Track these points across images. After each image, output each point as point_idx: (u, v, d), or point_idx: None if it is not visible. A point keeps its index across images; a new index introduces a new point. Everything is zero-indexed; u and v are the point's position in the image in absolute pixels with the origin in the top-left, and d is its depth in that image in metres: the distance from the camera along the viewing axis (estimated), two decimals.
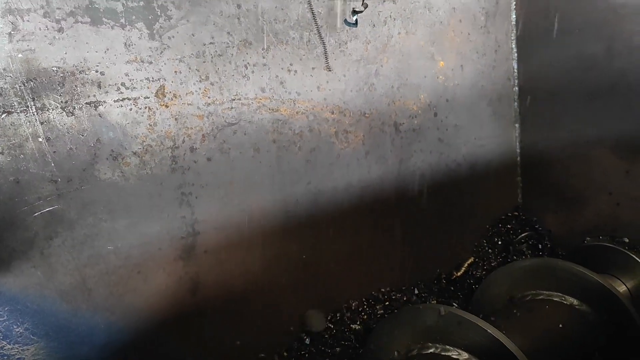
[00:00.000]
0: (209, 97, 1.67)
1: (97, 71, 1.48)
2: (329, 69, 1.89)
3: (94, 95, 1.48)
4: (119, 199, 1.55)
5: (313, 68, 1.86)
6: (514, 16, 2.38)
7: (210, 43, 1.65)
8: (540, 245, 2.40)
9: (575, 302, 1.92)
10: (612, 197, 2.18)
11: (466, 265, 2.30)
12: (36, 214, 1.42)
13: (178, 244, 1.66)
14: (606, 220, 2.22)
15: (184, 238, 1.67)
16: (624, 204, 2.14)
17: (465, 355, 1.62)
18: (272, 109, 1.80)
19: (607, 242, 2.20)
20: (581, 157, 2.27)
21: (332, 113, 1.93)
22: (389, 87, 2.05)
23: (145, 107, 1.57)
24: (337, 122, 1.94)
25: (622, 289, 2.11)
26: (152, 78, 1.57)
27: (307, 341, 1.89)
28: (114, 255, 1.56)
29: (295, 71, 1.83)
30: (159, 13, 1.56)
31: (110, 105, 1.51)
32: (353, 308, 2.02)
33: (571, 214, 2.35)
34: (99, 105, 1.49)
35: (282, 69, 1.80)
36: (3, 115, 1.36)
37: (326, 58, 1.88)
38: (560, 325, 1.88)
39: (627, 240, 2.15)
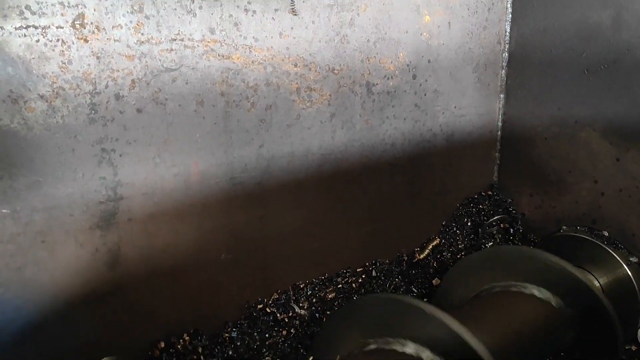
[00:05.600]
0: (142, 34, 1.35)
1: None
2: (294, 12, 1.58)
3: None
4: (20, 153, 1.25)
5: (276, 10, 1.55)
6: None
7: None
8: (511, 230, 2.21)
9: (550, 297, 1.73)
10: (596, 186, 1.98)
11: (430, 247, 2.09)
12: None
13: (95, 210, 1.38)
14: (587, 209, 2.03)
15: (102, 203, 1.39)
16: (609, 194, 1.95)
17: (428, 354, 1.41)
18: (223, 55, 1.49)
19: (584, 233, 2.01)
20: (568, 138, 2.05)
21: (295, 66, 1.63)
22: (365, 40, 1.76)
23: (58, 40, 1.25)
24: (300, 77, 1.65)
25: (595, 284, 1.95)
26: (69, 3, 1.25)
27: (246, 325, 1.66)
28: (11, 220, 1.27)
29: (254, 11, 1.52)
30: None
31: (10, 33, 1.19)
32: (301, 290, 1.79)
33: (549, 198, 2.15)
34: None
35: (237, 7, 1.49)
36: None
37: None
38: (532, 321, 1.70)
39: (606, 234, 1.97)
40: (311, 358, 1.56)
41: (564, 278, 1.70)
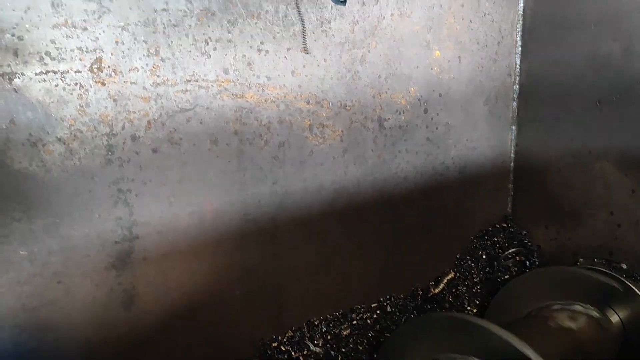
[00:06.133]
0: (158, 76, 1.38)
1: (13, 35, 1.18)
2: (306, 51, 1.61)
3: (9, 66, 1.19)
4: (38, 195, 1.27)
5: (288, 49, 1.58)
6: (522, 4, 2.11)
7: (163, 10, 1.36)
8: (528, 262, 2.18)
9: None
10: (612, 217, 1.96)
11: (445, 281, 2.07)
12: None
13: (111, 250, 1.39)
14: (604, 241, 2.00)
15: (118, 243, 1.40)
16: (625, 226, 1.93)
17: None
18: (236, 95, 1.51)
19: (602, 266, 1.98)
20: (582, 169, 2.04)
21: (308, 103, 1.65)
22: (376, 76, 1.78)
23: (76, 84, 1.27)
24: (313, 114, 1.67)
25: (614, 318, 1.91)
26: (87, 48, 1.28)
27: None
28: (29, 261, 1.28)
29: (267, 51, 1.54)
30: None
31: (30, 78, 1.22)
32: (316, 327, 1.77)
33: (564, 230, 2.13)
34: (15, 77, 1.20)
35: (250, 47, 1.51)
36: None
37: (304, 38, 1.59)
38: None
39: (624, 266, 1.94)
40: None
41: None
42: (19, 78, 1.20)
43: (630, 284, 1.90)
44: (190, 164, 1.47)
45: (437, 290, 2.04)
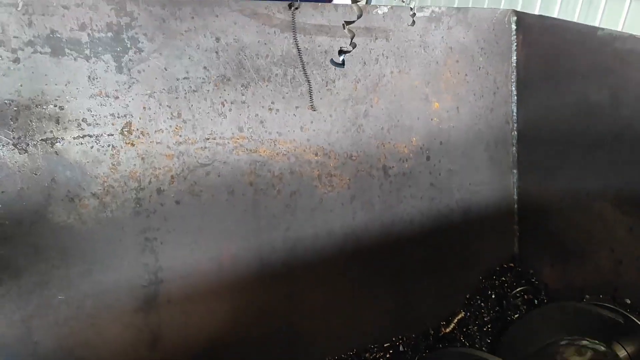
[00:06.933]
0: (180, 136, 1.55)
1: (55, 105, 1.37)
2: (313, 108, 1.77)
3: (51, 132, 1.37)
4: (74, 244, 1.42)
5: (297, 107, 1.75)
6: (515, 58, 2.26)
7: (185, 78, 1.54)
8: (536, 301, 2.25)
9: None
10: (613, 254, 2.03)
11: (455, 321, 2.14)
12: None
13: (138, 294, 1.53)
14: (607, 278, 2.07)
15: (145, 287, 1.54)
16: (626, 262, 1.99)
17: None
18: (250, 150, 1.67)
19: (607, 302, 2.04)
20: (581, 209, 2.13)
21: (316, 155, 1.80)
22: (379, 128, 1.93)
23: (109, 145, 1.45)
24: (321, 165, 1.82)
25: (622, 353, 1.96)
26: (118, 114, 1.46)
27: None
28: (66, 305, 1.43)
29: (277, 110, 1.71)
30: (128, 45, 1.45)
31: (69, 142, 1.40)
32: None
33: (569, 268, 2.20)
34: (56, 142, 1.38)
35: (262, 107, 1.68)
36: None
37: (311, 97, 1.76)
38: None
39: (628, 301, 2.00)
40: None
41: None
42: (59, 142, 1.38)
43: (635, 319, 1.95)
44: (209, 213, 1.62)
45: (447, 330, 2.11)
